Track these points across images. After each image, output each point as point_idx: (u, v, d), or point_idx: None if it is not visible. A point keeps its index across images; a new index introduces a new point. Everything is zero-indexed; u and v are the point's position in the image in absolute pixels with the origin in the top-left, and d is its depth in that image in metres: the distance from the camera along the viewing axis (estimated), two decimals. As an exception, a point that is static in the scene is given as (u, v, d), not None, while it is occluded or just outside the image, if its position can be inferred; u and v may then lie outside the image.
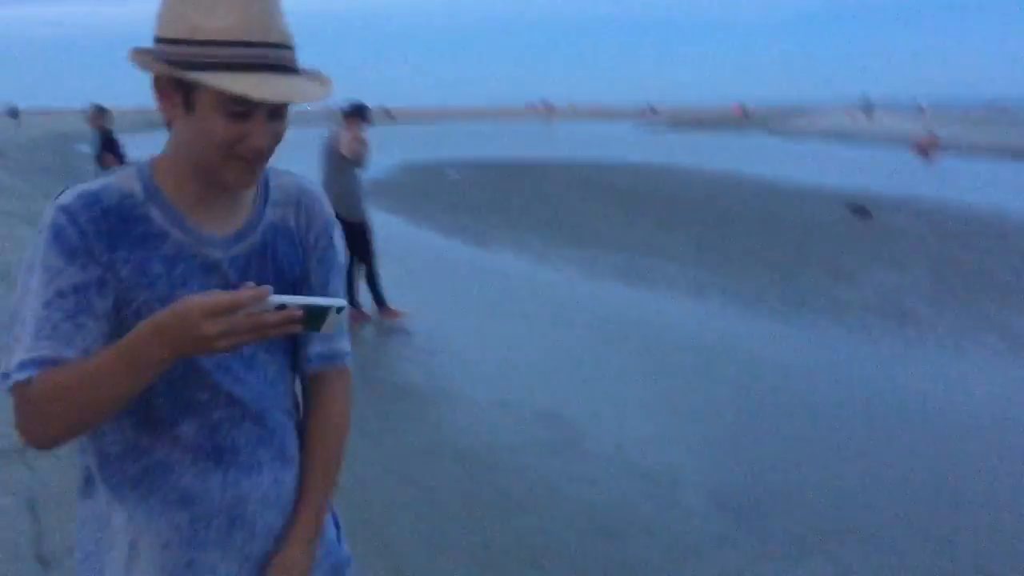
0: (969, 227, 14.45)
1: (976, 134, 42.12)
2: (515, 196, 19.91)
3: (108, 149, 11.45)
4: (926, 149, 33.34)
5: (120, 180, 1.48)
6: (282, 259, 1.60)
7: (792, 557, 4.00)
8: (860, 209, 15.64)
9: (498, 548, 3.99)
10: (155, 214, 1.48)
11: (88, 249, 1.41)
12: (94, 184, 1.47)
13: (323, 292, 1.63)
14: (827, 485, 4.81)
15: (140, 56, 1.42)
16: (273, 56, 1.40)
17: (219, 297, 1.29)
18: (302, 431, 1.68)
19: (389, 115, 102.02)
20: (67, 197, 1.43)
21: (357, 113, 8.20)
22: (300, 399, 1.72)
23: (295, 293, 1.57)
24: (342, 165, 8.08)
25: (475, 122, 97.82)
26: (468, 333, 8.15)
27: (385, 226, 15.07)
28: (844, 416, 5.94)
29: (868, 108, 73.42)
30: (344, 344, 1.70)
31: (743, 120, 79.20)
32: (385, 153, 34.72)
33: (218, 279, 1.51)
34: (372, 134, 8.43)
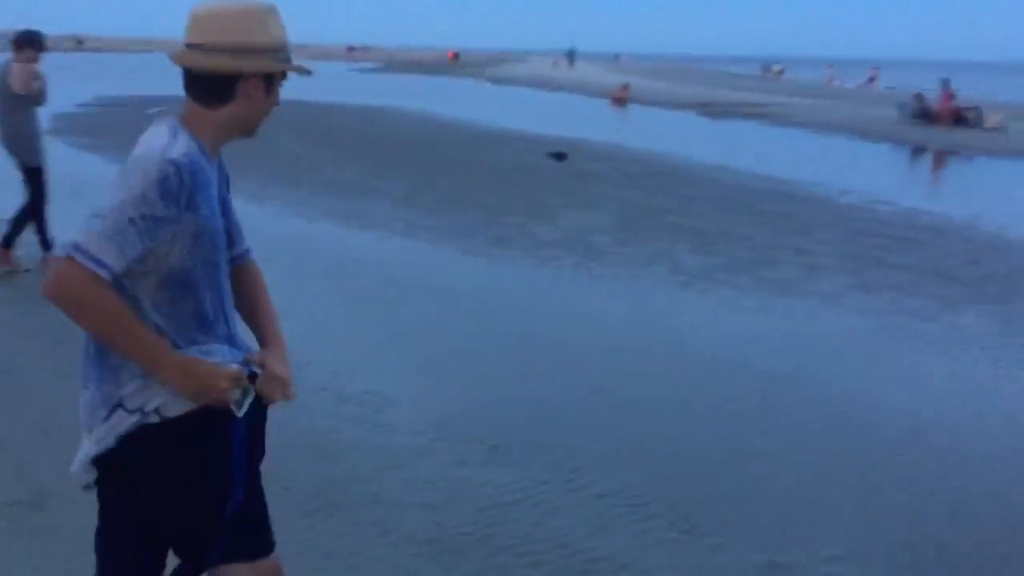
0: (649, 170, 16.03)
1: (663, 86, 45.89)
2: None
3: None
4: (620, 98, 35.96)
5: (188, 139, 2.10)
6: (223, 185, 2.28)
7: (485, 464, 4.56)
8: (558, 154, 16.82)
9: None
10: (204, 164, 2.11)
11: (177, 196, 2.01)
12: (183, 142, 2.08)
13: (231, 208, 2.36)
14: (521, 400, 5.45)
15: (254, 62, 2.14)
16: None
17: (235, 372, 2.14)
18: (247, 299, 2.41)
19: (79, 42, 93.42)
20: (175, 153, 2.03)
21: (29, 43, 7.53)
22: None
23: (226, 208, 2.31)
24: (17, 103, 7.47)
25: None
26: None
27: (84, 166, 14.20)
28: (539, 339, 6.65)
29: (572, 57, 77.30)
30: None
31: (455, 65, 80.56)
32: (76, 85, 32.00)
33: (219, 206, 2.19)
34: (58, 63, 7.91)
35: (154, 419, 2.09)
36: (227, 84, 2.13)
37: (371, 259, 8.95)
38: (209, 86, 2.13)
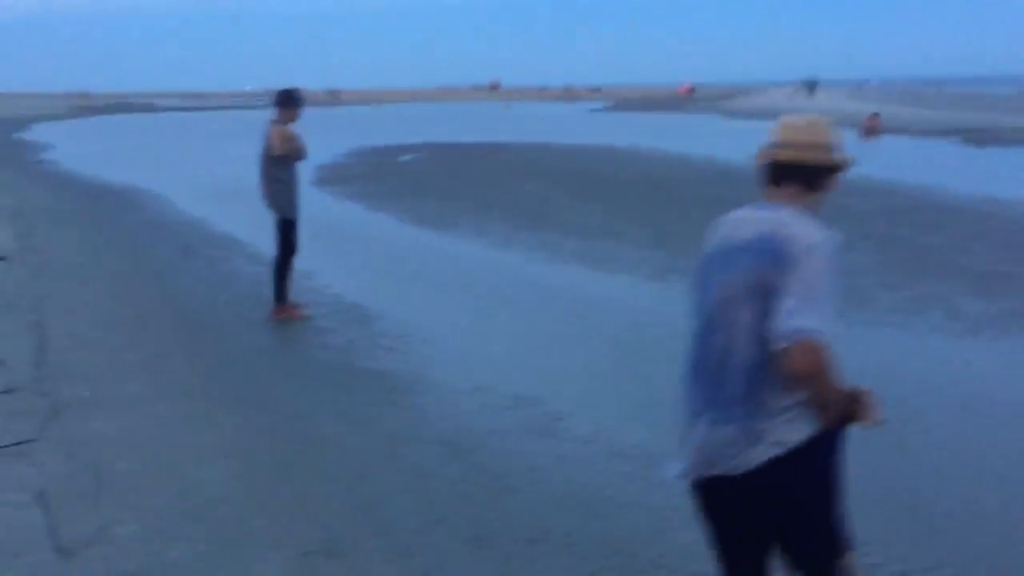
0: (910, 205, 14.98)
1: (916, 113, 43.17)
2: (470, 180, 20.07)
3: None
4: (870, 128, 34.13)
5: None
6: None
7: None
8: (808, 190, 16.07)
9: (494, 528, 4.22)
10: None
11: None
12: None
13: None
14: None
15: (841, 159, 2.77)
16: None
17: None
18: None
19: (336, 97, 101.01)
20: (829, 235, 2.60)
21: (286, 101, 8.08)
22: None
23: None
24: (276, 162, 8.02)
25: (422, 103, 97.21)
26: (437, 319, 8.34)
27: (343, 213, 15.20)
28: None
29: (812, 87, 74.55)
30: None
31: (689, 100, 79.89)
32: (335, 137, 34.50)
33: None
34: (317, 116, 8.35)
35: (782, 450, 2.57)
36: (823, 175, 2.74)
37: (624, 305, 8.84)
38: (810, 176, 2.73)
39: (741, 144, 32.58)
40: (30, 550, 3.72)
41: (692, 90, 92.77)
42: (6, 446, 4.76)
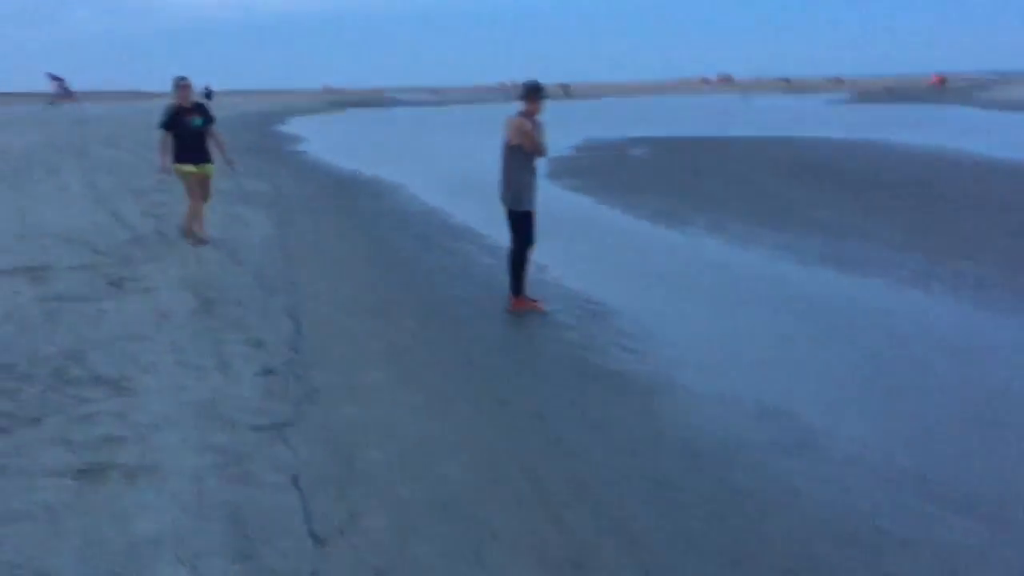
0: None
1: None
2: (703, 174, 19.48)
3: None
4: None
5: None
6: None
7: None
8: (1092, 190, 14.37)
9: (748, 553, 3.89)
10: None
11: None
12: None
13: None
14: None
15: None
16: None
17: None
18: None
19: (567, 91, 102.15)
20: None
21: (528, 94, 7.98)
22: None
23: None
24: (512, 152, 7.94)
25: (651, 96, 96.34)
26: (675, 318, 8.02)
27: (576, 207, 15.13)
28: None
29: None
30: None
31: (940, 91, 74.32)
32: (566, 130, 34.72)
33: None
34: (551, 111, 8.07)
35: None
36: None
37: (880, 313, 8.11)
38: None
39: (1002, 138, 29.91)
40: (286, 535, 3.79)
41: (944, 80, 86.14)
42: (268, 426, 4.94)
